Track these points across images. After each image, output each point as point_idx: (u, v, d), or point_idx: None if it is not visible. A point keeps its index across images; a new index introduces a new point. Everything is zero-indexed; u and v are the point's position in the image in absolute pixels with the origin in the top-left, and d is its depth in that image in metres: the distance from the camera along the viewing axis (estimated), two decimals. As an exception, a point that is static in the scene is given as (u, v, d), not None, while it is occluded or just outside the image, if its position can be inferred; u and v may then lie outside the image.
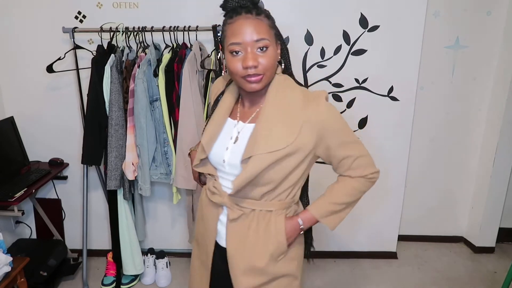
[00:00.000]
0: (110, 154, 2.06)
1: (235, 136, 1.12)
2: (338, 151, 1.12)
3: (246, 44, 1.01)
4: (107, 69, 2.00)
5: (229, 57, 1.04)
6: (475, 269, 2.55)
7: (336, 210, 1.17)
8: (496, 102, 2.47)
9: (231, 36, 1.03)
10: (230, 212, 1.14)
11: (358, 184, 1.21)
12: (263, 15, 1.05)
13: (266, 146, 1.03)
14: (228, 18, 1.06)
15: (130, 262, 2.30)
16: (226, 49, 1.06)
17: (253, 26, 1.02)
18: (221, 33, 1.10)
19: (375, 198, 2.52)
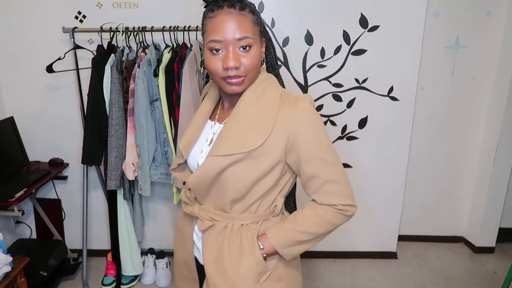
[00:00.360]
0: (110, 154, 2.06)
1: (210, 138, 1.05)
2: (306, 167, 0.97)
3: (228, 43, 0.92)
4: (107, 69, 2.00)
5: (208, 55, 0.95)
6: (475, 269, 2.54)
7: (294, 239, 1.00)
8: (496, 102, 2.47)
9: (211, 32, 0.94)
10: (200, 223, 1.06)
11: (326, 214, 1.00)
12: (248, 10, 0.95)
13: (227, 147, 0.94)
14: (208, 11, 0.96)
15: (129, 262, 2.30)
16: (205, 46, 0.97)
17: (236, 22, 0.92)
18: (201, 27, 1.00)
19: (375, 198, 2.52)
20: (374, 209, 2.55)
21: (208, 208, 1.05)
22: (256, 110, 0.97)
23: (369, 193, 2.52)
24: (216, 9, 0.94)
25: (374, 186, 2.50)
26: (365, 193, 2.52)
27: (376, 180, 2.48)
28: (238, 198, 0.99)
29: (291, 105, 0.96)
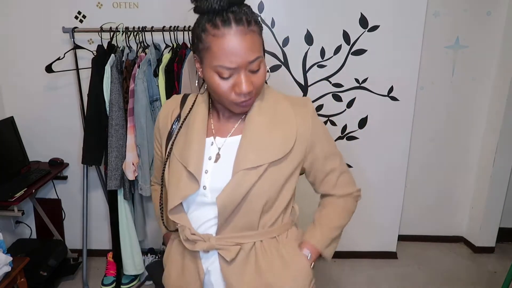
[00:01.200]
0: (110, 154, 2.06)
1: (215, 155, 0.95)
2: (324, 164, 1.01)
3: (239, 68, 0.83)
4: (107, 69, 2.00)
5: (216, 78, 0.85)
6: (475, 269, 2.55)
7: (331, 236, 1.04)
8: (496, 102, 2.47)
9: (220, 56, 0.82)
10: (225, 253, 0.93)
11: (346, 204, 1.07)
12: (253, 23, 0.84)
13: (257, 158, 0.89)
14: (210, 25, 0.82)
15: (130, 262, 2.30)
16: (208, 66, 0.85)
17: (248, 43, 0.82)
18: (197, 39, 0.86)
19: (375, 198, 2.52)
20: (374, 209, 2.55)
21: (228, 234, 0.93)
22: (270, 116, 0.94)
23: (369, 193, 2.51)
24: (222, 25, 0.81)
25: (374, 186, 2.50)
26: (365, 193, 2.49)
27: (376, 180, 2.48)
28: (267, 209, 0.94)
29: (303, 107, 0.97)
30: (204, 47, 0.84)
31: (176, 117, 1.02)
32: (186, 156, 0.94)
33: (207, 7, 0.81)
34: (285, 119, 0.95)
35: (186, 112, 1.01)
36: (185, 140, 0.96)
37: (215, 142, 0.96)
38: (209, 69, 0.86)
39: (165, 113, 1.05)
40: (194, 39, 0.88)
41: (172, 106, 1.05)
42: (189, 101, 1.04)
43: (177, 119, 1.02)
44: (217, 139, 0.97)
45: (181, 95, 1.07)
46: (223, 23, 0.80)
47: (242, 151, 0.91)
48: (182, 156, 0.95)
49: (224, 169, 0.93)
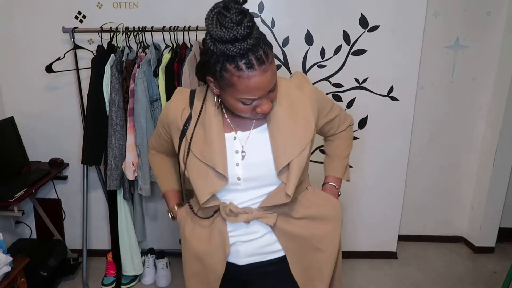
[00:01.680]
0: (110, 154, 2.06)
1: (241, 148, 1.03)
2: (329, 116, 1.20)
3: (261, 97, 0.93)
4: (107, 69, 2.00)
5: (239, 105, 0.94)
6: (475, 269, 2.54)
7: (345, 164, 1.29)
8: (496, 102, 2.47)
9: (246, 92, 0.89)
10: (266, 221, 1.05)
11: (348, 134, 1.31)
12: (270, 53, 0.90)
13: (298, 145, 1.01)
14: (235, 68, 0.86)
15: (130, 262, 2.30)
16: (230, 96, 0.93)
17: (269, 77, 0.90)
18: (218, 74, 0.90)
19: (375, 198, 2.52)
20: (374, 209, 2.55)
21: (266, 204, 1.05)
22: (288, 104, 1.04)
23: (369, 193, 2.52)
24: (245, 68, 0.86)
25: (374, 186, 2.50)
26: (365, 193, 2.52)
27: (376, 180, 2.48)
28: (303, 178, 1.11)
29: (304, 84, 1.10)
30: (228, 83, 0.90)
31: (187, 116, 1.07)
32: (208, 155, 1.01)
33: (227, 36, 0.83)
34: (300, 103, 1.05)
35: (198, 112, 1.06)
36: (204, 139, 1.02)
37: (238, 136, 1.04)
38: (231, 98, 0.93)
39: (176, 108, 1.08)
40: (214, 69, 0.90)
41: (182, 104, 1.09)
42: (197, 99, 1.08)
43: (188, 119, 1.06)
44: (239, 134, 1.04)
45: (188, 92, 1.11)
46: (246, 66, 0.86)
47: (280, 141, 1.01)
48: (204, 155, 1.01)
49: (254, 160, 1.03)
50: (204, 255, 1.14)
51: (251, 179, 1.03)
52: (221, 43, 0.85)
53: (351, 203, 2.53)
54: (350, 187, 2.44)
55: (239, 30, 0.83)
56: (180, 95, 1.11)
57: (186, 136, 1.06)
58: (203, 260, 1.15)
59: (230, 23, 0.83)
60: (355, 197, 2.52)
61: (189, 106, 1.08)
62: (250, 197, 1.06)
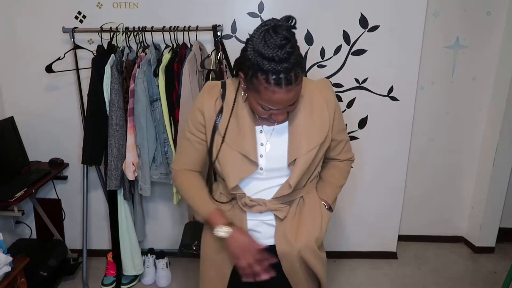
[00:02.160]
0: (110, 154, 2.06)
1: (266, 141, 1.14)
2: (337, 136, 1.22)
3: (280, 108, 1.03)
4: (107, 69, 2.00)
5: (258, 107, 1.04)
6: (475, 269, 2.55)
7: (336, 193, 1.32)
8: (496, 102, 2.47)
9: (268, 102, 1.00)
10: (279, 213, 1.17)
11: (347, 167, 1.33)
12: (299, 76, 0.98)
13: (308, 144, 1.11)
14: (265, 81, 0.95)
15: (130, 262, 2.30)
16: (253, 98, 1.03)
17: (291, 96, 0.99)
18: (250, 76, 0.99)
19: (375, 198, 2.52)
20: (374, 209, 2.55)
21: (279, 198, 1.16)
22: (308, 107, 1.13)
23: (369, 193, 2.52)
24: (273, 83, 0.95)
25: (374, 186, 2.50)
26: (365, 193, 2.52)
27: (376, 180, 2.48)
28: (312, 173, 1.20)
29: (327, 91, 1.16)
30: (255, 88, 1.00)
31: (219, 109, 1.14)
32: (241, 145, 1.11)
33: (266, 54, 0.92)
34: (319, 106, 1.14)
35: (231, 104, 1.14)
36: (238, 130, 1.12)
37: (263, 129, 1.14)
38: (254, 100, 1.04)
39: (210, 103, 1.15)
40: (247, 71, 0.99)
41: (214, 95, 1.16)
42: (229, 91, 1.15)
43: (220, 111, 1.14)
44: (264, 127, 1.14)
45: (219, 84, 1.18)
46: (275, 82, 0.95)
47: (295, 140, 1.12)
48: (238, 145, 1.12)
49: (276, 152, 1.13)
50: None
51: (270, 170, 1.14)
52: (260, 56, 0.94)
53: (351, 203, 2.53)
54: (350, 187, 2.44)
55: (279, 53, 0.92)
56: (211, 89, 1.18)
57: (219, 129, 1.14)
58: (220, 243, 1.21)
59: (273, 44, 0.92)
60: (355, 197, 2.52)
61: (221, 98, 1.15)
62: (267, 185, 1.16)
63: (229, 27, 2.19)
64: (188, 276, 2.45)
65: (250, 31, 2.24)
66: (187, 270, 2.50)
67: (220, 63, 2.03)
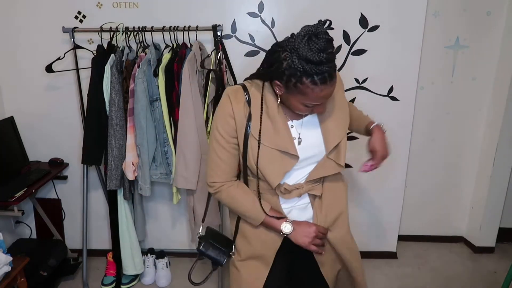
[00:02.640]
0: (110, 154, 2.06)
1: (297, 134, 1.23)
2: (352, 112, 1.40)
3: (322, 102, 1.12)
4: (107, 69, 2.00)
5: (299, 104, 1.12)
6: (475, 269, 2.54)
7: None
8: (496, 102, 2.47)
9: (311, 97, 1.07)
10: (315, 191, 1.27)
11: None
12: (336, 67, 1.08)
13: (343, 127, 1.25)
14: (311, 82, 1.04)
15: (130, 262, 2.30)
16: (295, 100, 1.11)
17: (332, 90, 1.10)
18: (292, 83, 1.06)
19: (375, 198, 2.52)
20: (374, 209, 2.55)
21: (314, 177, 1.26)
22: None
23: (369, 193, 2.52)
24: (319, 82, 1.04)
25: (374, 186, 2.50)
26: (365, 193, 2.52)
27: (376, 180, 2.48)
28: None
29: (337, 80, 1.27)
30: (300, 92, 1.07)
31: (248, 114, 1.19)
32: (279, 142, 1.18)
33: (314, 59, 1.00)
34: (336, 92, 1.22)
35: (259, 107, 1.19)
36: (273, 129, 1.18)
37: (294, 124, 1.23)
38: (296, 101, 1.11)
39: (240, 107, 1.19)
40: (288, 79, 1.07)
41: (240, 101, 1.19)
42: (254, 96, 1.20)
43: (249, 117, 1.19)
44: (294, 122, 1.23)
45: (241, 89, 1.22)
46: (321, 82, 1.04)
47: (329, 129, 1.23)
48: (276, 143, 1.18)
49: (308, 143, 1.23)
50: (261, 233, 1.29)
51: (304, 160, 1.23)
52: (305, 62, 1.01)
53: (351, 203, 2.50)
54: (350, 187, 2.41)
55: (325, 55, 1.00)
56: (236, 94, 1.21)
57: (251, 132, 1.18)
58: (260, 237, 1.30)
59: (317, 49, 1.00)
60: (355, 197, 2.51)
61: (247, 103, 1.20)
62: (301, 174, 1.25)
63: (229, 27, 2.19)
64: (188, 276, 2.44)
65: (250, 31, 2.23)
66: (187, 270, 2.49)
67: (220, 63, 2.03)
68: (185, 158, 2.00)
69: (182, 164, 2.02)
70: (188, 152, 1.99)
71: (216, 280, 2.34)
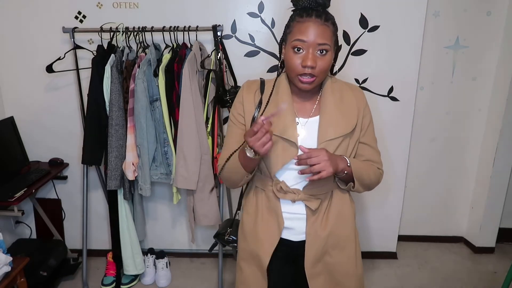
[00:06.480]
0: (110, 154, 2.06)
1: (301, 131, 1.21)
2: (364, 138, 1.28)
3: (309, 45, 1.10)
4: (107, 69, 2.00)
5: (291, 53, 1.13)
6: (475, 269, 2.55)
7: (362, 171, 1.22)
8: (496, 102, 2.47)
9: (297, 33, 1.11)
10: (310, 204, 1.22)
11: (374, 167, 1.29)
12: (330, 22, 1.13)
13: (335, 131, 1.18)
14: (297, 16, 1.13)
15: (131, 262, 2.30)
16: (288, 44, 1.15)
17: (320, 30, 1.10)
18: (286, 28, 1.18)
19: (375, 198, 2.52)
20: (374, 209, 2.55)
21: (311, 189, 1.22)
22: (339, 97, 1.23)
23: (369, 193, 2.51)
24: (305, 15, 1.11)
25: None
26: (365, 193, 2.51)
27: (376, 180, 2.48)
28: None
29: (359, 92, 1.28)
30: (289, 31, 1.15)
31: (258, 102, 1.23)
32: (283, 129, 1.17)
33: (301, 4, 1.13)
34: (348, 99, 1.23)
35: (268, 94, 1.23)
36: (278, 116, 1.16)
37: (299, 121, 1.22)
38: (288, 47, 1.15)
39: (249, 96, 1.25)
40: (285, 31, 1.19)
41: (253, 90, 1.26)
42: (267, 87, 1.26)
43: (259, 104, 1.23)
44: (300, 119, 1.22)
45: (259, 81, 1.28)
46: (306, 15, 1.12)
47: (323, 126, 1.19)
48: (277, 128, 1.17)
49: (309, 143, 1.19)
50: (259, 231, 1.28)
51: None
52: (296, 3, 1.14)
53: (351, 203, 2.53)
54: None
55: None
56: (251, 84, 1.28)
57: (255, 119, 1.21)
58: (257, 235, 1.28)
59: None
60: (355, 197, 2.51)
61: (260, 91, 1.25)
62: (299, 178, 1.21)
63: (229, 27, 2.19)
64: (188, 276, 2.45)
65: (250, 31, 2.25)
66: (187, 270, 2.50)
67: (220, 63, 2.03)
68: (185, 158, 2.00)
69: (182, 164, 2.02)
70: (188, 152, 2.00)
71: (215, 280, 2.35)
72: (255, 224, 1.29)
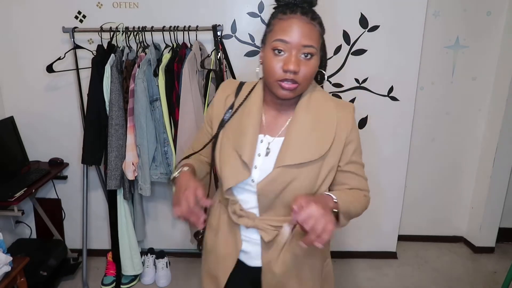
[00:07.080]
0: (110, 154, 2.06)
1: (264, 152, 1.04)
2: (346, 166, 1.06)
3: (292, 46, 0.93)
4: (107, 69, 2.00)
5: (270, 54, 0.96)
6: (475, 269, 2.54)
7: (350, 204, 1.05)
8: (496, 102, 2.47)
9: (279, 31, 0.94)
10: (264, 234, 1.06)
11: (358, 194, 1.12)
12: (317, 21, 0.99)
13: (297, 157, 0.98)
14: (279, 13, 0.97)
15: (129, 262, 2.30)
16: (268, 45, 0.97)
17: (306, 29, 0.94)
18: (267, 27, 1.01)
19: (375, 198, 2.51)
20: (374, 209, 2.53)
21: (268, 218, 1.06)
22: (314, 115, 1.02)
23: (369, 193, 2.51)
24: (288, 12, 0.95)
25: (374, 186, 2.48)
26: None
27: (376, 180, 2.48)
28: None
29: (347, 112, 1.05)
30: (270, 29, 0.98)
31: (230, 105, 1.10)
32: (240, 145, 1.03)
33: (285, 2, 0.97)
34: (327, 120, 1.02)
35: (241, 100, 1.09)
36: (240, 129, 1.04)
37: (265, 139, 1.05)
38: (267, 48, 0.97)
39: (220, 98, 1.12)
40: (265, 30, 1.01)
41: (227, 92, 1.13)
42: (244, 90, 1.11)
43: (230, 107, 1.10)
44: (266, 137, 1.05)
45: (238, 82, 1.14)
46: (290, 11, 0.95)
47: (284, 149, 1.00)
48: (236, 144, 1.03)
49: (270, 166, 1.02)
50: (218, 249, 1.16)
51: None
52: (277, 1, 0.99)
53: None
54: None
55: None
56: (228, 85, 1.15)
57: (224, 123, 1.09)
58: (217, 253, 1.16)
59: None
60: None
61: (234, 94, 1.11)
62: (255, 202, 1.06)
63: (229, 27, 2.19)
64: (188, 276, 2.45)
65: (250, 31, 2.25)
66: (187, 270, 2.50)
67: (220, 63, 2.03)
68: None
69: (182, 164, 2.01)
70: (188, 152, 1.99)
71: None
72: (215, 240, 1.16)
